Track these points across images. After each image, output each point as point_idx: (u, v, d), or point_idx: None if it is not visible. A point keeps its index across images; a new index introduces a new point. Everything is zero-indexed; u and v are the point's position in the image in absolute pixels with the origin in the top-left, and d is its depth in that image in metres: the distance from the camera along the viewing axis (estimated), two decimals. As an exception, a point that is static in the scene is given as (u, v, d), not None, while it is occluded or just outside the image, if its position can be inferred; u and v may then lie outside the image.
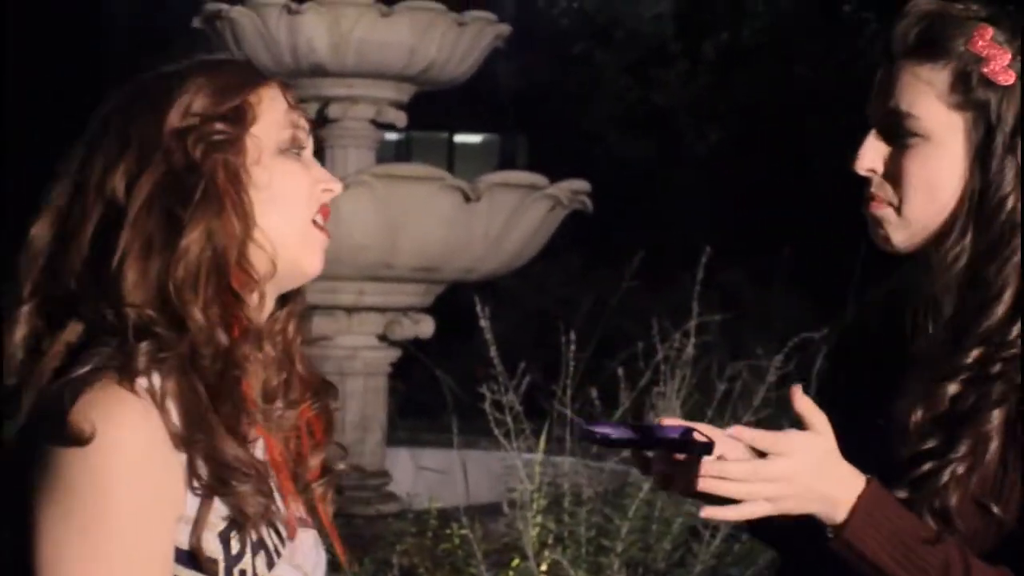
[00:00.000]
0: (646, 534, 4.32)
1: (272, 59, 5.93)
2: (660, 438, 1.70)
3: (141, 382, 1.50)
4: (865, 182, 1.82)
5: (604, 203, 6.60)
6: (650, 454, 1.75)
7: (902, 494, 1.71)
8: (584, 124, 13.89)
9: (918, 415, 1.73)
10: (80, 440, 1.43)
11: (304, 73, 5.98)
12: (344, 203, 5.27)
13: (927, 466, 1.71)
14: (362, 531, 5.14)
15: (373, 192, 5.40)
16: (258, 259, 1.58)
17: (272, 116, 1.62)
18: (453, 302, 6.31)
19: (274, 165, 1.60)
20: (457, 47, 6.05)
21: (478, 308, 4.48)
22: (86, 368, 1.49)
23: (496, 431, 4.32)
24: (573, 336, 4.55)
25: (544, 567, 4.20)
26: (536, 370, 5.37)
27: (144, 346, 1.51)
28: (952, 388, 1.72)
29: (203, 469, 1.50)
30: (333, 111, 6.03)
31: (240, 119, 1.59)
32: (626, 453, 4.65)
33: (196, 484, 1.49)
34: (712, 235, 7.10)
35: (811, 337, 4.78)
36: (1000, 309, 1.73)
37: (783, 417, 4.78)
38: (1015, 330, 1.72)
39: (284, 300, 1.65)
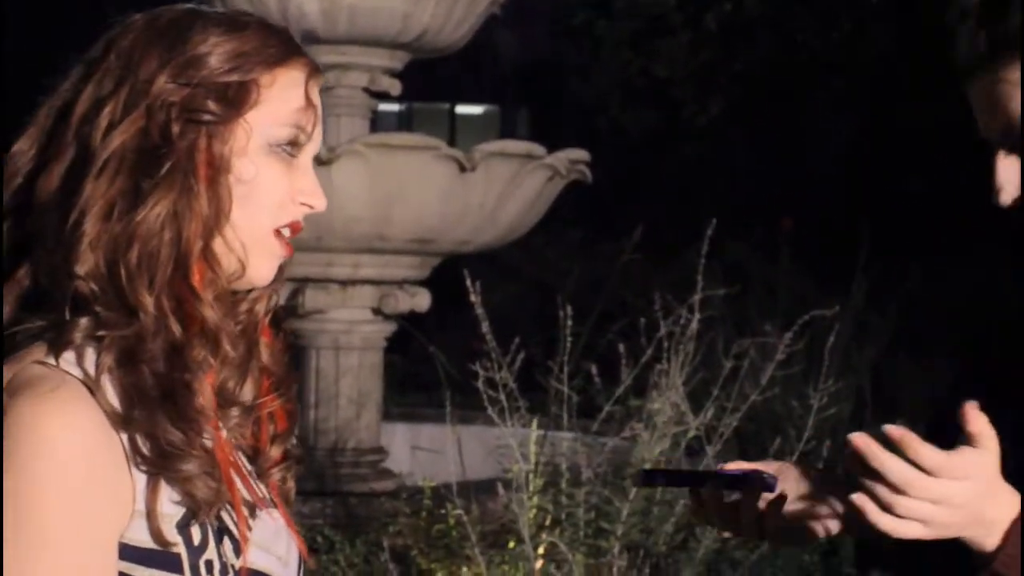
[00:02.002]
0: (647, 516, 4.19)
1: (262, 25, 5.78)
2: (721, 475, 1.60)
3: (69, 356, 1.37)
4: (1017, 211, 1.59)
5: (606, 175, 6.48)
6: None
7: None
8: (585, 96, 13.75)
9: None
10: (21, 442, 1.32)
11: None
12: (337, 174, 5.14)
13: None
14: (356, 510, 5.04)
15: (366, 162, 5.26)
16: (225, 256, 1.44)
17: (277, 107, 1.45)
18: (453, 274, 6.20)
19: (260, 160, 1.44)
20: (452, 13, 5.90)
21: (468, 282, 4.33)
22: (19, 332, 1.38)
23: (490, 409, 4.18)
24: (570, 311, 4.40)
25: (541, 550, 4.07)
26: (537, 345, 5.25)
27: (83, 322, 1.38)
28: None
29: (145, 448, 1.37)
30: (325, 79, 5.86)
31: (239, 100, 1.43)
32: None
33: (140, 462, 1.37)
34: (715, 207, 6.97)
35: (821, 314, 4.63)
36: None
37: (791, 396, 4.65)
38: None
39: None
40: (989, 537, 1.47)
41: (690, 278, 4.60)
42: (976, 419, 1.45)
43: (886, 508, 1.43)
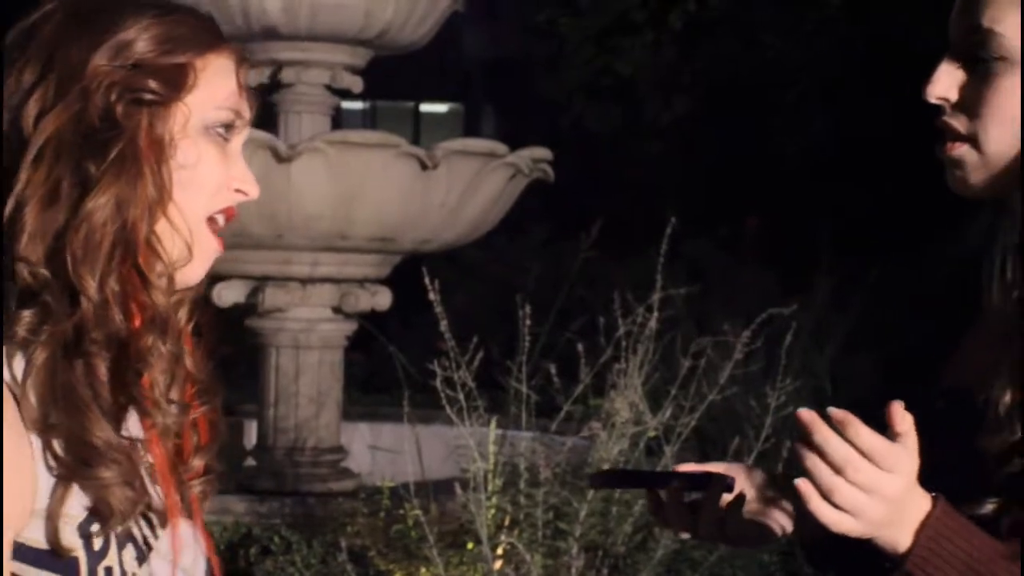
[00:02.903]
0: (606, 517, 4.18)
1: (223, 20, 5.64)
2: (679, 476, 1.59)
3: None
4: (936, 111, 1.58)
5: (570, 173, 6.46)
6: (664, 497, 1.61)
7: (991, 504, 1.48)
8: (550, 93, 13.73)
9: (1007, 399, 1.49)
10: None
11: (256, 36, 5.79)
12: (297, 171, 5.11)
13: (1021, 463, 1.47)
14: (314, 510, 5.01)
15: (327, 159, 5.23)
16: (170, 239, 1.41)
17: (213, 90, 1.43)
18: (418, 273, 6.19)
19: (194, 143, 1.42)
20: (414, 10, 5.87)
21: (426, 280, 4.31)
22: None
23: (448, 408, 4.16)
24: (529, 309, 4.39)
25: (499, 550, 4.05)
26: (498, 344, 5.23)
27: (27, 314, 1.34)
28: None
29: (61, 451, 1.33)
30: (286, 76, 5.85)
31: (177, 82, 1.41)
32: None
33: (53, 466, 1.33)
34: (678, 206, 6.96)
35: (779, 312, 4.63)
36: None
37: (750, 395, 4.64)
38: None
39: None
40: (901, 537, 1.46)
41: (652, 277, 4.60)
42: (902, 419, 1.44)
43: (826, 493, 1.43)
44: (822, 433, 1.42)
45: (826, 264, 7.59)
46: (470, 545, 4.14)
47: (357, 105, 16.05)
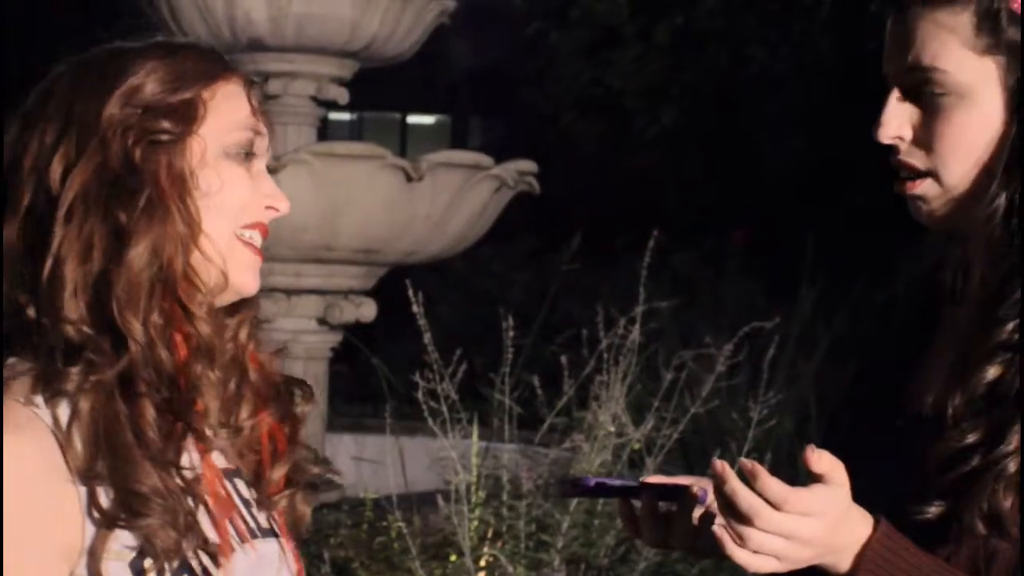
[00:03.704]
0: (588, 529, 4.19)
1: (210, 32, 5.77)
2: (651, 485, 1.57)
3: (42, 403, 1.37)
4: (891, 150, 1.58)
5: (557, 185, 6.48)
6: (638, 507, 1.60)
7: (935, 507, 1.50)
8: (537, 106, 13.77)
9: (956, 402, 1.51)
10: None
11: (242, 47, 5.81)
12: (282, 182, 5.08)
13: (972, 463, 1.49)
14: (298, 522, 5.00)
15: (312, 171, 5.24)
16: (205, 269, 1.45)
17: (224, 116, 1.48)
18: (402, 284, 6.21)
19: (216, 170, 1.46)
20: (400, 22, 5.89)
21: (411, 293, 4.33)
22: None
23: (431, 421, 4.17)
24: (512, 322, 4.40)
25: (482, 562, 4.06)
26: (481, 356, 5.24)
27: (74, 372, 1.37)
28: (992, 371, 1.50)
29: (106, 499, 1.37)
30: (272, 87, 5.87)
31: (188, 116, 1.45)
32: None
33: (96, 515, 1.37)
34: (664, 219, 6.98)
35: (761, 326, 4.65)
36: None
37: (733, 408, 4.66)
38: None
39: (233, 308, 1.53)
40: (842, 561, 1.48)
41: (637, 289, 4.61)
42: (818, 461, 1.46)
43: (739, 539, 1.45)
44: (731, 484, 1.45)
45: (810, 277, 7.61)
46: (453, 557, 4.15)
47: (344, 116, 16.07)
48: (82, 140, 1.42)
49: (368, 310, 5.84)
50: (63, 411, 1.38)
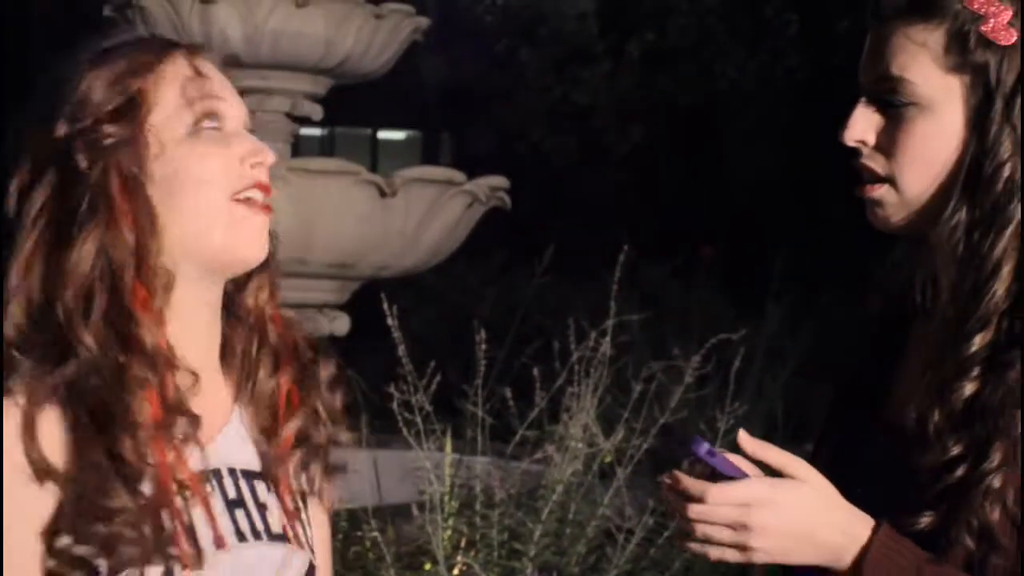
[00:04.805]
0: (560, 538, 4.25)
1: (184, 50, 5.82)
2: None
3: (9, 401, 1.41)
4: (853, 154, 1.66)
5: (528, 201, 6.54)
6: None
7: (927, 517, 1.56)
8: (507, 122, 13.83)
9: (936, 419, 1.57)
10: None
11: (217, 64, 5.85)
12: (257, 197, 5.16)
13: (957, 476, 1.55)
14: (272, 533, 5.03)
15: (287, 186, 5.28)
16: (159, 270, 1.46)
17: (172, 97, 1.48)
18: (375, 298, 6.27)
19: (180, 153, 1.46)
20: (374, 40, 5.95)
21: (385, 306, 4.38)
22: None
23: (405, 431, 4.23)
24: (484, 335, 4.47)
25: (456, 571, 4.11)
26: (454, 369, 5.29)
27: (24, 370, 1.41)
28: (969, 387, 1.56)
29: (68, 511, 1.40)
30: (247, 103, 5.87)
31: (132, 113, 1.46)
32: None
33: (62, 524, 1.39)
34: (634, 233, 7.05)
35: (729, 338, 4.72)
36: (1000, 288, 1.56)
37: (700, 419, 4.73)
38: None
39: (251, 274, 1.55)
40: (839, 562, 1.56)
41: (607, 303, 4.68)
42: (748, 441, 1.56)
43: (690, 535, 1.56)
44: (668, 496, 1.57)
45: (777, 291, 7.70)
46: (427, 566, 4.20)
47: (315, 131, 16.07)
48: (37, 167, 1.45)
49: (342, 324, 5.88)
50: (18, 414, 1.40)
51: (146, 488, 1.42)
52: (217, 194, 1.47)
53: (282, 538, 1.53)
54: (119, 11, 5.94)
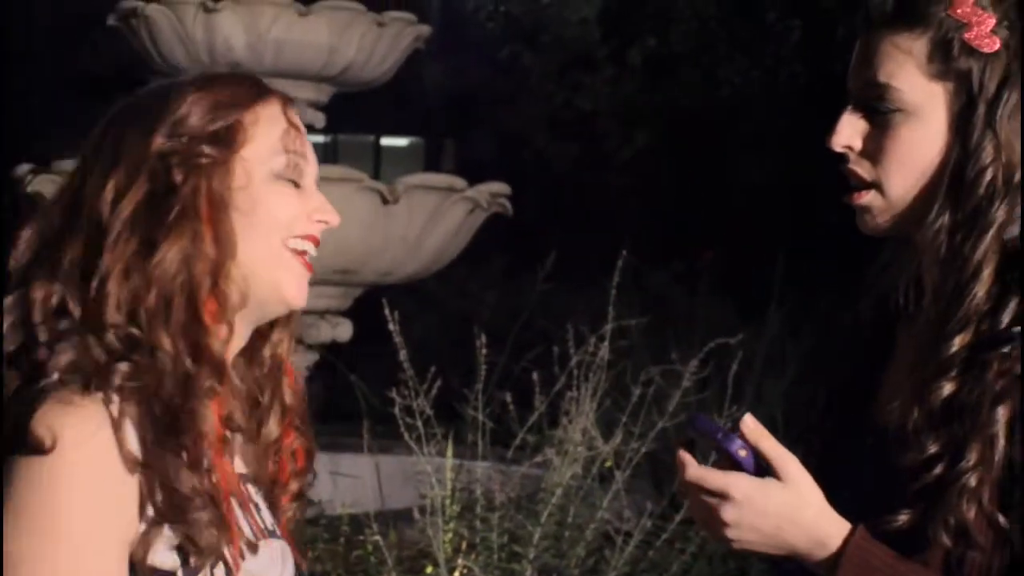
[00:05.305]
0: (559, 540, 4.29)
1: (189, 58, 5.86)
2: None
3: (99, 397, 1.47)
4: (840, 158, 1.71)
5: (530, 206, 6.57)
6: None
7: (904, 515, 1.61)
8: (510, 128, 13.86)
9: (915, 417, 1.62)
10: (40, 449, 1.43)
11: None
12: (260, 204, 5.20)
13: (934, 475, 1.60)
14: (275, 537, 5.06)
15: (289, 193, 5.32)
16: (231, 289, 1.55)
17: (266, 139, 1.57)
18: (378, 303, 6.30)
19: (263, 190, 1.56)
20: (377, 47, 6.00)
21: (386, 311, 4.43)
22: (52, 379, 1.47)
23: (407, 436, 4.27)
24: (484, 339, 4.51)
25: (456, 574, 4.15)
26: (455, 374, 5.33)
27: (123, 367, 1.48)
28: (947, 387, 1.60)
29: (158, 496, 1.47)
30: (248, 111, 5.94)
31: (230, 141, 1.55)
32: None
33: (150, 510, 1.47)
34: (636, 239, 7.08)
35: (727, 342, 4.76)
36: (980, 290, 1.61)
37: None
38: (1005, 318, 1.59)
39: (275, 322, 1.64)
40: (810, 560, 1.63)
41: (607, 308, 4.71)
42: (761, 442, 1.63)
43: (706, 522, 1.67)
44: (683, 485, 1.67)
45: (779, 296, 7.73)
46: (429, 569, 4.24)
47: (318, 139, 16.12)
48: (131, 172, 1.53)
49: (344, 330, 5.91)
50: (115, 409, 1.47)
51: (208, 481, 1.52)
52: (277, 239, 1.58)
53: (276, 533, 1.64)
54: (124, 20, 5.99)
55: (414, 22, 6.18)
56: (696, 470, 1.62)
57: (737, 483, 1.61)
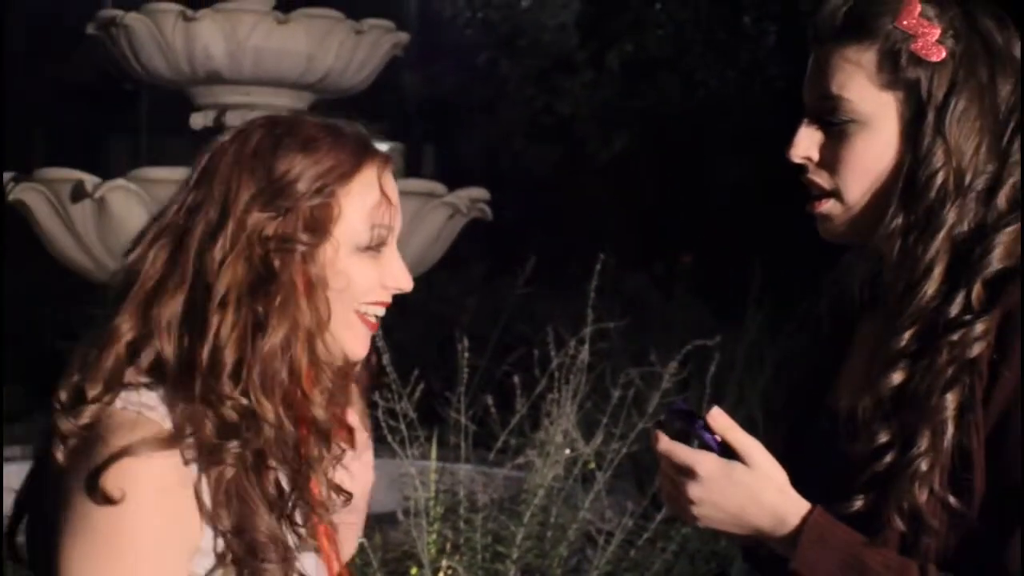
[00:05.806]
0: (542, 541, 4.33)
1: (168, 66, 5.89)
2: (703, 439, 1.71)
3: (182, 456, 1.53)
4: (800, 169, 1.78)
5: (510, 211, 6.60)
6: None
7: (859, 501, 1.67)
8: (490, 133, 13.89)
9: (866, 405, 1.68)
10: (109, 502, 1.48)
11: (200, 80, 5.93)
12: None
13: (885, 462, 1.66)
14: (260, 541, 5.08)
15: (271, 200, 5.35)
16: (326, 355, 1.63)
17: (357, 215, 1.62)
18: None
19: (346, 262, 1.61)
20: (355, 55, 6.03)
21: (369, 316, 4.45)
22: (146, 435, 1.51)
23: (390, 439, 4.30)
24: (467, 343, 4.55)
25: (441, 575, 4.19)
26: (438, 378, 5.36)
27: (233, 445, 1.54)
28: (897, 377, 1.67)
29: (233, 545, 1.53)
30: (230, 119, 5.96)
31: (324, 223, 1.59)
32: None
33: (221, 552, 1.54)
34: (616, 242, 7.13)
35: (704, 344, 4.81)
36: (930, 288, 1.67)
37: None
38: (954, 310, 1.66)
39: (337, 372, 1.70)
40: (771, 539, 1.69)
41: (586, 311, 4.76)
42: (728, 430, 1.69)
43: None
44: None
45: (757, 298, 7.79)
46: (413, 570, 4.27)
47: (299, 145, 16.06)
48: (235, 236, 1.57)
49: (327, 335, 5.95)
50: (195, 467, 1.54)
51: (293, 533, 1.61)
52: (352, 304, 1.64)
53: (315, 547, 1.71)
54: (103, 29, 6.01)
55: (392, 29, 6.21)
56: (666, 443, 1.69)
57: (704, 461, 1.67)
